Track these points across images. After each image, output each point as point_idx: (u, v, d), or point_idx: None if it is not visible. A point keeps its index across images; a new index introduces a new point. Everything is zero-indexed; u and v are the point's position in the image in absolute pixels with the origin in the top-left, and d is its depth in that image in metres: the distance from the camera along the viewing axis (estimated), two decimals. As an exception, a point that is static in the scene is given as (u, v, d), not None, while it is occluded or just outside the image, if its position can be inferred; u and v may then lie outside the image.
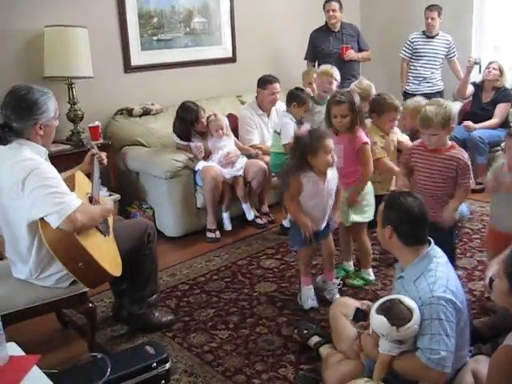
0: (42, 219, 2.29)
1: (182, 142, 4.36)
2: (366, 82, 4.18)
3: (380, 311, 2.09)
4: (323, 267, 3.35)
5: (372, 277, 3.46)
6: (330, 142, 2.94)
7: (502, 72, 5.08)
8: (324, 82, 4.26)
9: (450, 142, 2.97)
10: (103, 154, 2.91)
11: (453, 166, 2.89)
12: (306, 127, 3.25)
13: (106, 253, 2.50)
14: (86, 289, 2.59)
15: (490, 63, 5.17)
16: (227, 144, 4.35)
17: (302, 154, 2.97)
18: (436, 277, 2.09)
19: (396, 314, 2.04)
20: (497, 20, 5.79)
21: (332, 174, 3.05)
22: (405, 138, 3.77)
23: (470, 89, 5.29)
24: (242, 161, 4.35)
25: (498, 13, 5.76)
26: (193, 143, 4.32)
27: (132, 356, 2.42)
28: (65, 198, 2.31)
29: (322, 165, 2.95)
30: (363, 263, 3.47)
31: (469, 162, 2.93)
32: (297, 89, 4.21)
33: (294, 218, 3.10)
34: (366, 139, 3.26)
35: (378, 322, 2.08)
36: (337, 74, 4.33)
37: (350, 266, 3.57)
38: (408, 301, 2.07)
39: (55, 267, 2.45)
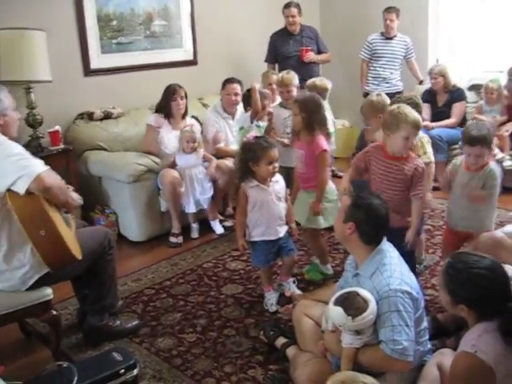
0: (9, 191, 2.29)
1: (154, 124, 4.34)
2: (325, 81, 4.21)
3: (337, 302, 2.16)
4: (280, 273, 3.37)
5: (330, 271, 3.54)
6: (274, 152, 2.96)
7: (444, 75, 5.15)
8: (283, 93, 4.20)
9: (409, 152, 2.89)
10: (71, 188, 2.80)
11: (409, 175, 2.81)
12: (253, 134, 3.25)
13: (67, 234, 2.48)
14: (50, 296, 2.55)
15: (430, 73, 5.26)
16: (194, 163, 4.21)
17: (246, 161, 3.02)
18: (391, 270, 2.16)
19: (352, 304, 2.11)
20: (452, 22, 5.94)
21: (275, 178, 3.08)
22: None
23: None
24: (208, 197, 4.29)
25: (453, 15, 5.90)
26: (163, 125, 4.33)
27: (99, 363, 2.39)
28: (32, 161, 2.36)
29: (263, 174, 3.01)
30: (321, 260, 3.52)
31: (424, 173, 2.86)
32: (249, 90, 4.24)
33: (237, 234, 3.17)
34: (325, 147, 3.26)
35: (335, 312, 2.15)
36: (295, 80, 4.23)
37: (328, 268, 3.55)
38: (364, 292, 2.14)
39: (17, 260, 2.43)
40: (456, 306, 1.92)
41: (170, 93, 4.35)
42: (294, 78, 4.21)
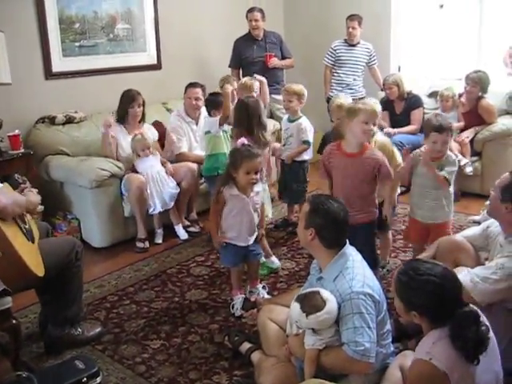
0: None
1: (106, 132, 4.30)
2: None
3: (297, 299, 2.21)
4: (248, 279, 3.36)
5: (275, 264, 3.65)
6: (254, 163, 2.97)
7: (398, 85, 5.23)
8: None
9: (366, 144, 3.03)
10: (34, 190, 2.74)
11: (370, 166, 2.95)
12: (241, 141, 3.25)
13: (27, 251, 2.41)
14: (9, 304, 2.47)
15: (384, 84, 5.35)
16: (153, 164, 4.25)
17: (228, 167, 3.04)
18: (354, 273, 2.20)
19: (309, 302, 2.16)
20: (413, 29, 6.06)
21: (257, 188, 3.11)
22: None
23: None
24: (174, 192, 4.28)
25: (414, 22, 6.03)
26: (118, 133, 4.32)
27: (60, 372, 2.37)
28: None
29: (241, 182, 3.02)
30: (265, 253, 3.58)
31: (385, 160, 3.00)
32: (212, 94, 4.23)
33: (210, 232, 3.21)
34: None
35: (292, 308, 2.20)
36: (256, 85, 4.31)
37: (273, 261, 3.67)
38: (325, 293, 2.18)
39: None
40: (409, 313, 1.97)
41: (129, 99, 4.33)
42: (256, 82, 4.31)
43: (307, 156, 4.20)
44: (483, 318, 1.89)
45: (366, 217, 3.03)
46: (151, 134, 4.49)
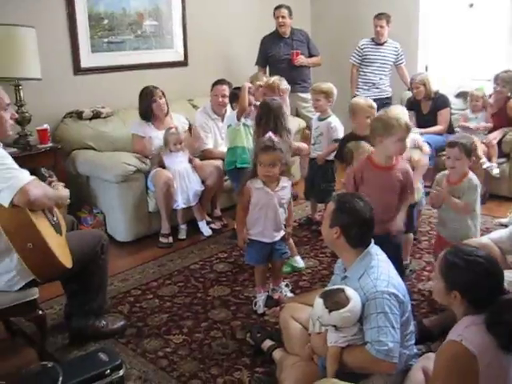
0: None
1: (138, 133, 4.33)
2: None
3: (321, 295, 2.20)
4: (271, 276, 3.35)
5: (300, 264, 3.63)
6: (268, 156, 2.94)
7: (425, 84, 5.15)
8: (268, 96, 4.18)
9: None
10: (60, 184, 2.78)
11: (402, 179, 2.93)
12: (269, 134, 3.24)
13: (56, 243, 2.44)
14: (36, 295, 2.53)
15: (411, 82, 5.28)
16: (182, 160, 4.29)
17: (253, 160, 3.05)
18: (378, 273, 2.18)
19: (332, 298, 2.15)
20: (442, 28, 5.99)
21: (283, 183, 3.08)
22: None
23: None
24: (198, 189, 4.30)
25: (443, 21, 5.96)
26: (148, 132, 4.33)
27: (84, 363, 2.38)
28: (16, 172, 2.30)
29: (259, 174, 3.01)
30: (291, 252, 3.51)
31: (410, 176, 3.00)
32: (235, 88, 4.25)
33: (236, 228, 3.20)
34: None
35: (316, 304, 2.19)
36: (283, 85, 4.23)
37: (297, 261, 3.65)
38: (350, 291, 2.16)
39: (3, 266, 2.39)
40: (449, 294, 1.93)
41: (148, 95, 4.35)
42: (283, 81, 4.24)
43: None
44: None
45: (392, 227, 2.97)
46: (182, 124, 4.51)
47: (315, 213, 4.44)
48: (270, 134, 3.21)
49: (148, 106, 4.36)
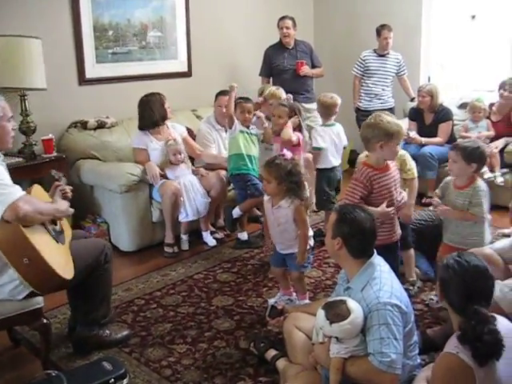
0: None
1: (141, 147, 4.30)
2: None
3: (324, 306, 2.21)
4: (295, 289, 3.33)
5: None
6: (263, 170, 3.05)
7: (432, 96, 5.18)
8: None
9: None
10: (68, 188, 2.79)
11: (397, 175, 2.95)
12: (289, 154, 3.17)
13: (55, 254, 2.44)
14: (41, 304, 2.53)
15: (419, 90, 5.30)
16: (186, 172, 4.30)
17: None
18: (381, 284, 2.19)
19: (334, 310, 2.16)
20: (444, 39, 6.02)
21: (282, 203, 3.00)
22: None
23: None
24: (206, 201, 4.31)
25: (445, 32, 6.00)
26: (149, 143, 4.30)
27: (89, 372, 2.38)
28: (8, 189, 2.29)
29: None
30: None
31: None
32: (240, 98, 4.28)
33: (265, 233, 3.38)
34: None
35: (318, 314, 2.20)
36: (283, 95, 4.40)
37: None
38: (352, 304, 2.16)
39: (7, 276, 2.40)
40: (442, 300, 1.99)
41: (158, 101, 4.30)
42: (282, 93, 4.41)
43: (336, 163, 4.21)
44: (499, 325, 1.85)
45: (398, 235, 2.95)
46: (179, 132, 4.51)
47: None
48: (287, 152, 3.15)
49: (151, 114, 4.26)
